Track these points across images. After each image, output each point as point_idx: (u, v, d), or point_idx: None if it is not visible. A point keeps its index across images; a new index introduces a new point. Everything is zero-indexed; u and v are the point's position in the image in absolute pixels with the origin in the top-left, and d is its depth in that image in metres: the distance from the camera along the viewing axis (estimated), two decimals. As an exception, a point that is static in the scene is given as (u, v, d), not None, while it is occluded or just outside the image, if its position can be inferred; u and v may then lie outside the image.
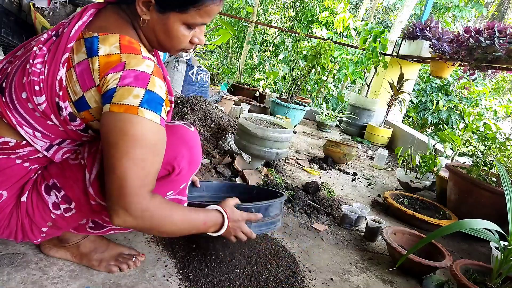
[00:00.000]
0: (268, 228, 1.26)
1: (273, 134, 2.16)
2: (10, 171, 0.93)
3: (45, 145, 0.94)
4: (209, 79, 3.52)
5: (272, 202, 1.27)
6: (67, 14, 2.83)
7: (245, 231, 1.14)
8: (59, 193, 0.95)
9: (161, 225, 0.91)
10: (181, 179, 1.04)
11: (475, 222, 1.29)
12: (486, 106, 6.66)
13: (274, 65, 7.74)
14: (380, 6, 11.52)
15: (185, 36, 0.93)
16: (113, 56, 0.84)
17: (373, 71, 4.73)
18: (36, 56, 0.86)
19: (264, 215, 1.23)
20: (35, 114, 0.88)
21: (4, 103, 0.88)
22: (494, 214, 1.97)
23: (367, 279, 1.49)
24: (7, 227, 0.95)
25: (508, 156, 2.10)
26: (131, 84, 0.82)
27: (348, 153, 2.99)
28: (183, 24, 0.91)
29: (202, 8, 0.89)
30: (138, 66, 0.84)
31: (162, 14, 0.89)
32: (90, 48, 0.85)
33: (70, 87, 0.86)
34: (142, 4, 0.88)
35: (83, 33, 0.87)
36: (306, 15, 8.10)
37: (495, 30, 2.81)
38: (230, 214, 1.09)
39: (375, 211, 2.25)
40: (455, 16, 8.08)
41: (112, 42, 0.86)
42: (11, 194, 0.94)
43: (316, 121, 4.66)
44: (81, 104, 0.87)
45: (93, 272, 1.13)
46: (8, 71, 0.90)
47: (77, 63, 0.85)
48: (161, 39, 0.94)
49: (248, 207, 1.19)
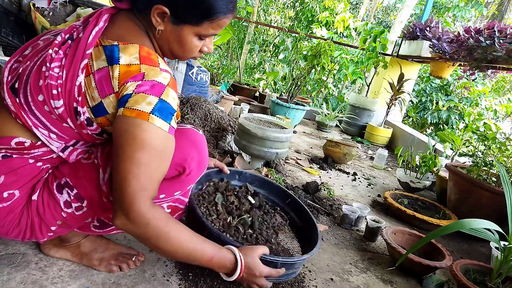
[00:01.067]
0: (286, 278, 1.15)
1: (273, 134, 2.16)
2: (23, 170, 0.93)
3: (61, 146, 0.95)
4: (209, 79, 3.52)
5: (302, 258, 1.15)
6: (67, 14, 2.82)
7: (260, 284, 1.06)
8: (71, 191, 0.96)
9: (155, 237, 0.89)
10: (190, 180, 1.06)
11: (475, 222, 1.29)
12: (486, 106, 6.66)
13: (274, 65, 7.74)
14: (380, 6, 11.53)
15: (196, 47, 0.98)
16: (133, 66, 0.87)
17: (373, 71, 4.73)
18: (53, 60, 0.87)
19: (287, 269, 1.11)
20: (51, 117, 0.89)
21: (18, 104, 0.89)
22: (494, 214, 1.98)
23: (367, 279, 1.49)
24: (17, 226, 0.95)
25: (508, 156, 2.10)
26: (146, 91, 0.85)
27: (348, 153, 2.99)
28: (195, 35, 0.95)
29: (215, 22, 0.93)
30: (156, 78, 0.87)
31: (176, 25, 0.92)
32: (110, 57, 0.87)
33: (89, 93, 0.87)
34: (157, 15, 0.90)
35: (100, 40, 0.89)
36: (306, 15, 8.11)
37: (495, 30, 2.81)
38: (247, 264, 1.01)
39: (375, 211, 2.25)
40: (455, 16, 8.08)
41: (132, 52, 0.88)
42: (23, 193, 0.94)
43: (316, 121, 4.66)
44: (99, 110, 0.89)
45: (93, 272, 1.13)
46: (19, 71, 0.90)
47: (97, 70, 0.87)
48: (174, 49, 0.97)
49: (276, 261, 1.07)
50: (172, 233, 0.90)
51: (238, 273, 1.00)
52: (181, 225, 0.95)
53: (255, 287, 1.07)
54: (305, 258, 1.17)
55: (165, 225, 0.89)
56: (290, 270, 1.14)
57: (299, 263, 1.18)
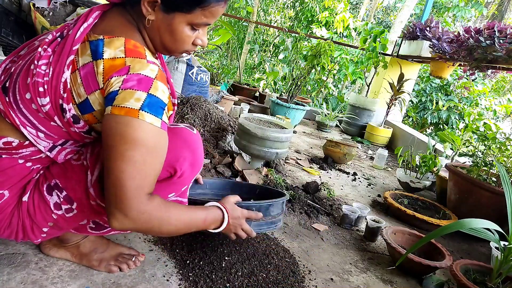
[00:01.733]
0: (268, 227, 1.26)
1: (273, 134, 2.16)
2: (12, 170, 0.92)
3: (48, 146, 0.94)
4: (209, 79, 3.52)
5: (274, 201, 1.26)
6: (67, 14, 2.82)
7: (245, 228, 1.14)
8: (61, 193, 0.95)
9: (159, 225, 0.90)
10: (183, 182, 1.04)
11: (475, 221, 1.28)
12: (486, 106, 6.66)
13: (274, 65, 7.74)
14: (380, 6, 11.53)
15: (189, 37, 0.94)
16: (117, 59, 0.84)
17: (373, 71, 4.73)
18: (41, 57, 0.86)
19: (264, 214, 1.23)
20: (38, 115, 0.88)
21: (7, 103, 0.88)
22: (494, 214, 1.98)
23: (367, 279, 1.49)
24: (8, 227, 0.95)
25: (508, 156, 2.10)
26: (133, 87, 0.83)
27: (348, 153, 2.99)
28: (187, 24, 0.92)
29: (207, 9, 0.90)
30: (142, 70, 0.84)
31: (167, 14, 0.90)
32: (95, 51, 0.85)
33: (75, 89, 0.86)
34: (148, 4, 0.88)
35: (88, 35, 0.88)
36: (306, 15, 8.11)
37: (495, 30, 2.81)
38: (230, 211, 1.09)
39: (375, 211, 2.25)
40: (455, 16, 8.09)
41: (117, 45, 0.86)
42: (12, 194, 0.94)
43: (316, 121, 4.66)
44: (85, 107, 0.87)
45: (93, 272, 1.13)
46: (11, 70, 0.90)
47: (82, 65, 0.85)
48: (166, 40, 0.94)
49: (249, 205, 1.19)
50: (171, 215, 0.93)
51: (226, 222, 1.08)
52: (173, 203, 0.96)
53: (240, 232, 1.14)
54: (277, 201, 1.27)
55: (165, 211, 0.91)
56: (269, 217, 1.25)
57: (273, 207, 1.27)
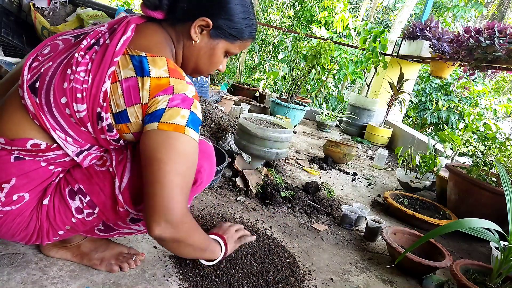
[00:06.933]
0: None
1: (273, 134, 2.16)
2: (35, 173, 0.92)
3: (76, 150, 0.94)
4: (209, 79, 3.52)
5: None
6: (67, 14, 2.82)
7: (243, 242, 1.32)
8: (84, 198, 0.96)
9: (188, 237, 0.98)
10: (197, 190, 1.08)
11: (474, 221, 1.29)
12: (486, 106, 6.66)
13: (274, 65, 7.74)
14: (380, 6, 11.53)
15: (221, 63, 1.04)
16: (163, 79, 0.89)
17: (373, 71, 4.73)
18: (79, 64, 0.88)
19: None
20: (70, 120, 0.89)
21: (38, 105, 0.88)
22: (494, 214, 1.97)
23: (367, 279, 1.49)
24: (25, 230, 0.95)
25: (508, 156, 2.10)
26: (179, 105, 0.89)
27: (348, 153, 2.99)
28: (225, 51, 1.02)
29: (244, 42, 1.02)
30: (184, 91, 0.91)
31: (213, 39, 0.98)
32: (139, 67, 0.89)
33: (114, 99, 0.88)
34: (198, 27, 0.94)
35: (127, 49, 0.90)
36: (306, 15, 8.11)
37: (495, 30, 2.81)
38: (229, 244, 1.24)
39: (375, 211, 2.25)
40: (455, 16, 8.09)
41: (161, 65, 0.90)
42: (33, 196, 0.94)
43: (316, 121, 4.66)
44: (121, 117, 0.90)
45: (93, 272, 1.13)
46: (41, 71, 0.90)
47: (124, 78, 0.88)
48: (201, 62, 1.02)
49: None
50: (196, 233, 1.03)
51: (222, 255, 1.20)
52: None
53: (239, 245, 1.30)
54: None
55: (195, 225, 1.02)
56: None
57: None
